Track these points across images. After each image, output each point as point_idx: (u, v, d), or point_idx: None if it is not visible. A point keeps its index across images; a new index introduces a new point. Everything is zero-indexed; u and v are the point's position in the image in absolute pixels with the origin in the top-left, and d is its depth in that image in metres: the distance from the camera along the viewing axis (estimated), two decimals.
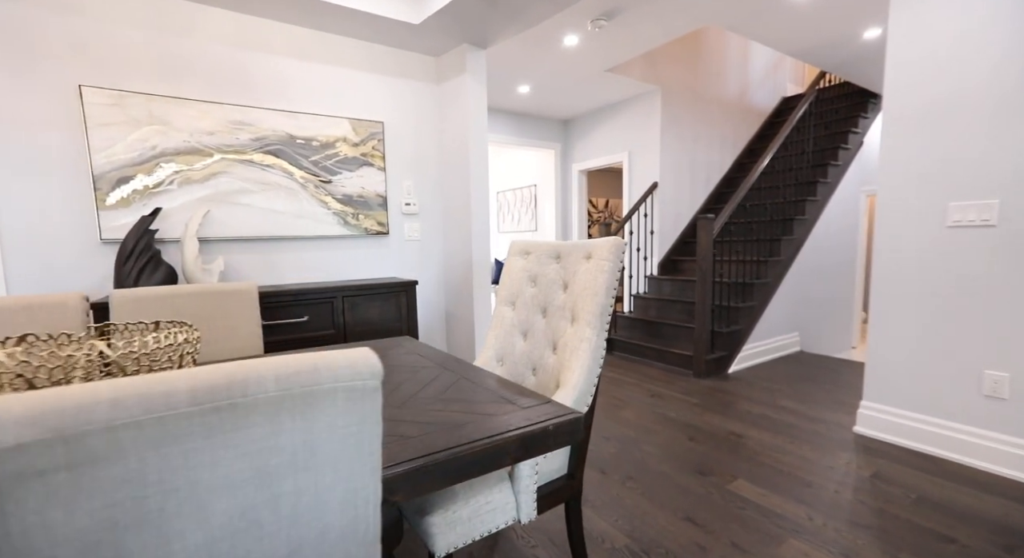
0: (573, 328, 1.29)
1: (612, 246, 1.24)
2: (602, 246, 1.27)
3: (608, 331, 4.13)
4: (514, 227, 6.46)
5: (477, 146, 2.88)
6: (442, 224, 3.12)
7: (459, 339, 3.12)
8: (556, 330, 1.38)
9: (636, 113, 4.49)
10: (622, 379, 3.31)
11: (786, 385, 3.11)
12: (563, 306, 1.37)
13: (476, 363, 1.59)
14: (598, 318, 1.23)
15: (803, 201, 3.95)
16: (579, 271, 1.33)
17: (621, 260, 1.25)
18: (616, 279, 1.25)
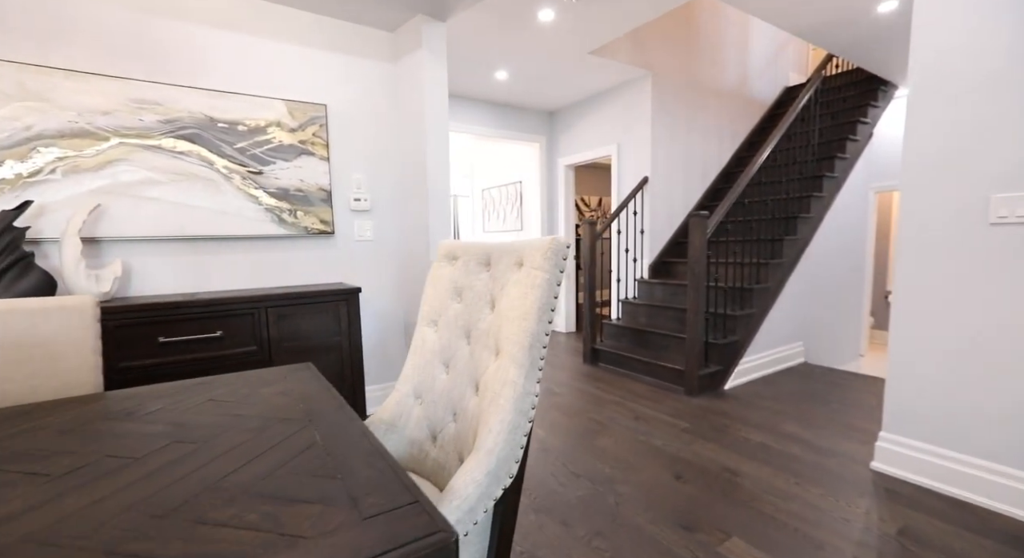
0: (496, 364, 0.92)
1: (547, 249, 0.88)
2: (535, 249, 0.90)
3: (595, 339, 3.78)
4: (500, 226, 6.10)
5: (436, 133, 2.52)
6: (400, 223, 2.76)
7: None
8: (479, 363, 1.01)
9: (625, 102, 4.13)
10: (604, 396, 2.95)
11: (789, 405, 2.74)
12: (487, 331, 1.01)
13: (389, 401, 1.23)
14: (526, 352, 0.86)
15: (808, 197, 3.59)
16: (508, 283, 0.97)
17: (562, 268, 0.89)
18: (554, 295, 0.89)
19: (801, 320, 3.65)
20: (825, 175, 3.68)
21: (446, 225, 2.61)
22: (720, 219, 2.92)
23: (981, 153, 1.64)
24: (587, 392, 3.05)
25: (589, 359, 3.74)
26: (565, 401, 2.88)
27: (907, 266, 1.84)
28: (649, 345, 3.50)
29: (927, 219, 1.77)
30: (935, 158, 1.75)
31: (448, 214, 2.62)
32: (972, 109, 1.65)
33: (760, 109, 4.89)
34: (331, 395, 1.01)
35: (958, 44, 1.67)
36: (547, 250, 0.88)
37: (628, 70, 3.82)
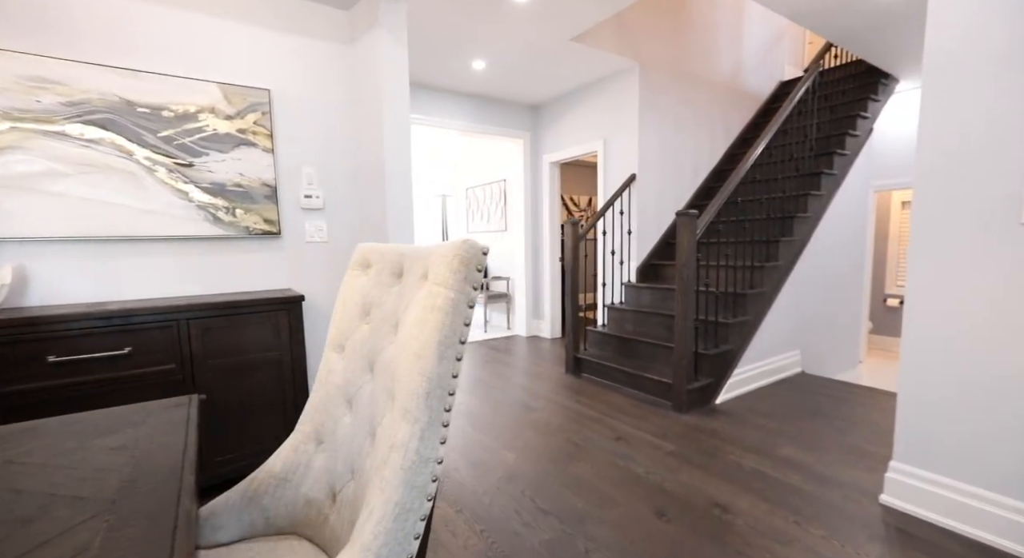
0: (389, 417, 0.67)
1: (452, 258, 0.63)
2: (440, 258, 0.65)
3: (578, 347, 3.53)
4: (484, 226, 5.85)
5: (395, 122, 2.26)
6: (358, 222, 2.49)
7: None
8: (378, 407, 0.76)
9: (611, 95, 3.88)
10: (584, 412, 2.69)
11: (787, 423, 2.50)
12: (388, 365, 0.75)
13: (285, 446, 0.97)
14: (421, 403, 0.61)
15: (805, 196, 3.35)
16: (412, 303, 0.72)
17: (475, 283, 0.63)
18: (465, 321, 0.63)
19: (798, 327, 3.42)
20: (824, 172, 3.45)
21: (407, 225, 2.35)
22: (711, 219, 2.68)
23: (1011, 143, 1.40)
24: (566, 407, 2.79)
25: (571, 369, 3.49)
26: (542, 418, 2.63)
27: (921, 274, 1.60)
28: (636, 355, 3.25)
29: (945, 220, 1.54)
30: (956, 150, 1.51)
31: (410, 212, 2.37)
32: (1000, 93, 1.41)
33: (754, 104, 4.66)
34: (180, 456, 0.75)
35: (983, 19, 1.44)
36: (452, 259, 0.62)
37: (614, 60, 3.57)
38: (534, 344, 4.57)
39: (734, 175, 2.83)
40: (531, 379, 3.39)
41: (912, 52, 3.44)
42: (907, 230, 5.20)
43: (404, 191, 2.32)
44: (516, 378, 3.41)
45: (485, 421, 2.60)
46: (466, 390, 3.16)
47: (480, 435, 2.41)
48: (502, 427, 2.51)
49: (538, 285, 4.96)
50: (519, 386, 3.22)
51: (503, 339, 4.87)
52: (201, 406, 1.74)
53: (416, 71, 3.69)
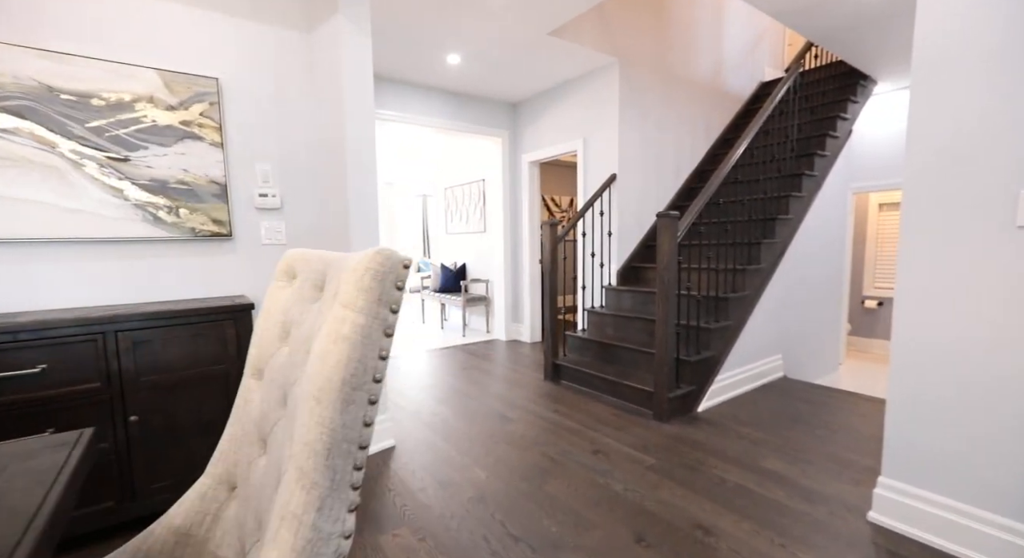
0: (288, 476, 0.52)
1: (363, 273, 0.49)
2: (351, 272, 0.51)
3: (557, 353, 3.41)
4: (463, 227, 5.69)
5: (358, 116, 2.11)
6: (321, 223, 2.32)
7: None
8: (282, 454, 0.61)
9: (591, 93, 3.78)
10: (562, 423, 2.57)
11: (770, 432, 2.41)
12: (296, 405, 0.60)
13: (191, 493, 0.81)
14: (320, 463, 0.47)
15: (787, 197, 3.30)
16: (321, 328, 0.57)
17: (394, 304, 0.49)
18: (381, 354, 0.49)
19: (780, 331, 3.36)
20: (804, 173, 3.40)
21: (371, 226, 2.19)
22: (692, 220, 2.59)
23: (1005, 140, 1.32)
24: (543, 418, 2.66)
25: (550, 376, 3.36)
26: (517, 430, 2.50)
27: (911, 278, 1.51)
28: (617, 361, 3.15)
29: (937, 223, 1.45)
30: (948, 148, 1.43)
31: (374, 213, 2.21)
32: (993, 90, 1.33)
33: (735, 104, 4.62)
34: (20, 529, 0.59)
35: (975, 12, 1.35)
36: (363, 275, 0.48)
37: (594, 57, 3.47)
38: (513, 349, 4.44)
39: (715, 176, 2.74)
40: (508, 387, 3.25)
41: (890, 54, 3.42)
42: (885, 232, 5.23)
43: (368, 190, 2.16)
44: (493, 386, 3.27)
45: (457, 434, 2.46)
46: (440, 399, 3.01)
47: (451, 450, 2.27)
48: (475, 440, 2.37)
49: (517, 288, 4.83)
50: (495, 395, 3.08)
51: (482, 344, 4.73)
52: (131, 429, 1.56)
53: (387, 65, 3.53)
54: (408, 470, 2.08)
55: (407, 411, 2.81)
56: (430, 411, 2.81)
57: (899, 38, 3.15)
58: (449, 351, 4.42)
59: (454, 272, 5.62)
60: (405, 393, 3.16)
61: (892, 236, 5.18)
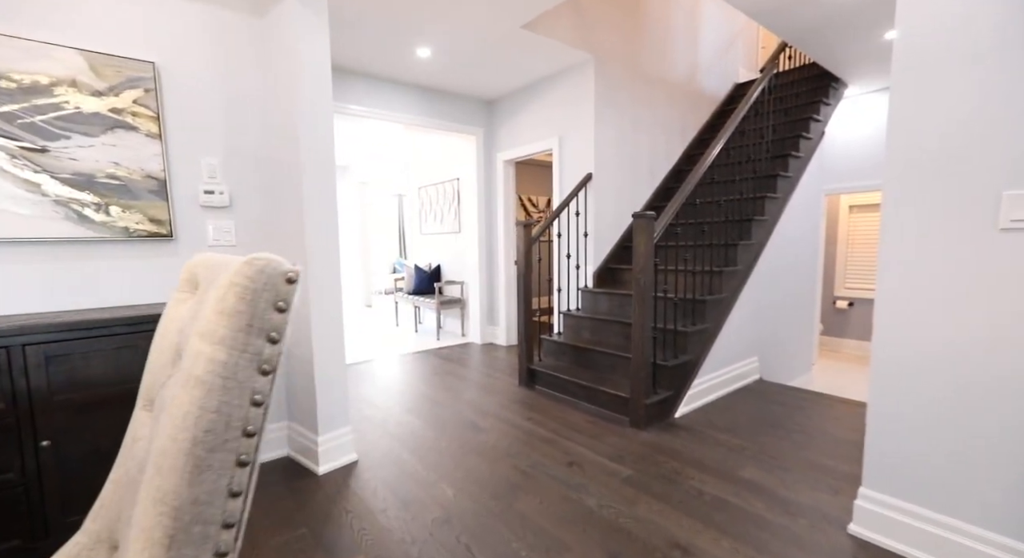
0: None
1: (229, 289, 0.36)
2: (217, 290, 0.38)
3: (532, 357, 3.30)
4: (438, 228, 5.54)
5: (313, 108, 1.95)
6: (274, 222, 2.15)
7: (301, 395, 2.17)
8: None
9: (567, 90, 3.69)
10: (536, 432, 2.46)
11: (748, 438, 2.35)
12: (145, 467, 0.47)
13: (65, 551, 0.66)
14: (159, 553, 0.33)
15: (762, 198, 3.27)
16: None
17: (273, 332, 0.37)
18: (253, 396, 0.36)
19: (756, 333, 3.33)
20: (780, 174, 3.39)
21: (330, 227, 2.04)
22: (669, 220, 2.52)
23: (988, 140, 1.27)
24: (516, 426, 2.55)
25: (525, 381, 3.25)
26: (488, 440, 2.37)
27: (891, 282, 1.46)
28: (593, 365, 3.06)
29: (917, 225, 1.40)
30: (928, 148, 1.37)
31: (333, 212, 2.06)
32: (978, 84, 1.28)
33: (711, 105, 4.61)
34: None
35: (959, 6, 1.30)
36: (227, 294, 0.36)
37: (569, 53, 3.38)
38: (488, 353, 4.31)
39: (692, 175, 2.68)
40: (481, 393, 3.13)
41: (860, 56, 3.44)
42: (855, 233, 5.31)
43: (325, 188, 2.01)
44: (465, 392, 3.14)
45: (425, 445, 2.32)
46: (409, 408, 2.86)
47: (417, 464, 2.13)
48: (443, 452, 2.24)
49: (493, 290, 4.71)
50: (467, 402, 2.95)
51: (456, 347, 4.59)
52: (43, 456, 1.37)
53: (354, 57, 3.36)
54: (370, 488, 1.94)
55: (373, 421, 2.66)
56: (397, 421, 2.66)
57: (869, 41, 3.16)
58: (422, 355, 4.26)
59: (428, 274, 5.46)
60: (373, 401, 3.00)
61: (862, 237, 5.26)
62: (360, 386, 3.33)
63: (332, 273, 2.06)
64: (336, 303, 2.08)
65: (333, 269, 2.06)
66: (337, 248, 2.08)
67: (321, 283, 2.02)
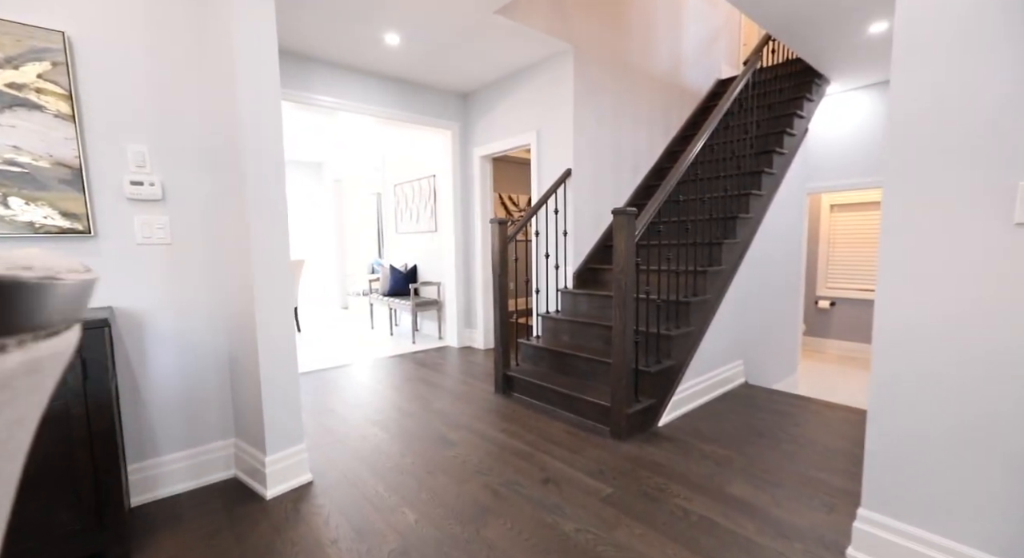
0: None
1: None
2: None
3: (508, 363, 3.11)
4: (414, 227, 5.33)
5: (256, 90, 1.74)
6: (217, 218, 1.93)
7: (248, 410, 1.95)
8: None
9: (545, 82, 3.53)
10: (510, 445, 2.28)
11: (735, 449, 2.22)
12: None
13: None
14: None
15: (747, 195, 3.16)
16: None
17: None
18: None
19: (741, 335, 3.22)
20: (764, 171, 3.28)
21: (277, 223, 1.83)
22: (651, 218, 2.37)
23: (1004, 127, 1.14)
24: (490, 439, 2.37)
25: (501, 388, 3.08)
26: (458, 455, 2.19)
27: (893, 285, 1.32)
28: (573, 371, 2.89)
29: (922, 222, 1.26)
30: (934, 136, 1.24)
31: (282, 208, 1.84)
32: (987, 65, 1.15)
33: (693, 100, 4.50)
34: None
35: None
36: None
37: (547, 42, 3.21)
38: (465, 357, 4.12)
39: (675, 170, 2.54)
40: (454, 401, 2.94)
41: (844, 51, 3.36)
42: (837, 233, 5.28)
43: (271, 181, 1.79)
44: (437, 401, 2.95)
45: (389, 463, 2.12)
46: (375, 419, 2.65)
47: (379, 485, 1.93)
48: (408, 471, 2.04)
49: (470, 291, 4.52)
50: (438, 412, 2.76)
51: (432, 351, 4.39)
52: None
53: (318, 43, 3.14)
54: (322, 515, 1.73)
55: (335, 435, 2.44)
56: (361, 434, 2.45)
57: (853, 35, 3.08)
58: (396, 360, 4.05)
59: (404, 274, 5.24)
60: (337, 411, 2.79)
61: (844, 237, 5.23)
62: (326, 395, 3.11)
63: (280, 274, 1.85)
64: (285, 307, 1.87)
65: (281, 270, 1.85)
66: (286, 247, 1.87)
67: (267, 285, 1.81)
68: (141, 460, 1.81)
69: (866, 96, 4.21)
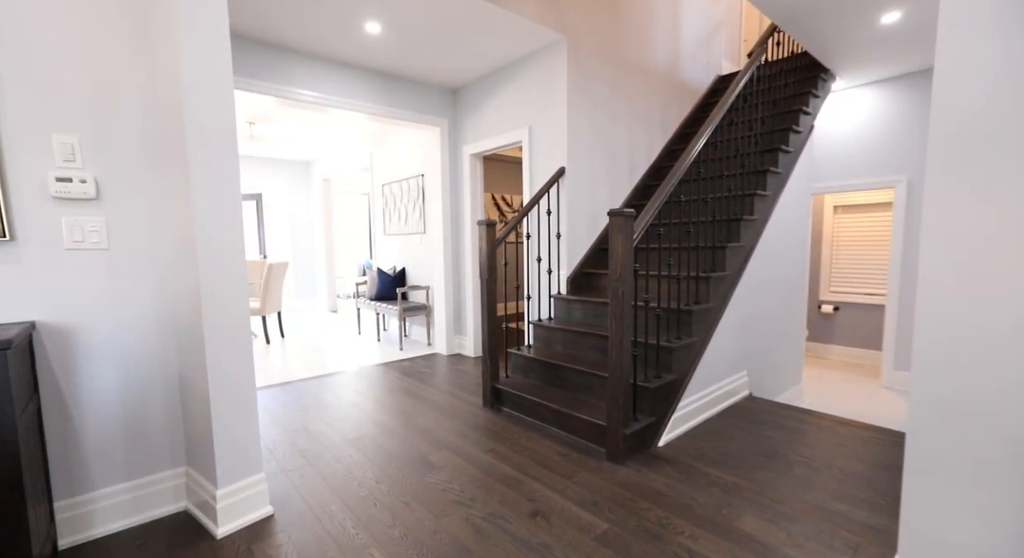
0: None
1: None
2: None
3: (497, 375, 2.88)
4: (402, 228, 5.11)
5: (204, 68, 1.53)
6: (165, 218, 1.71)
7: (199, 436, 1.73)
8: None
9: (537, 75, 3.33)
10: (497, 470, 2.07)
11: (743, 474, 2.02)
12: None
13: None
14: None
15: (751, 196, 2.97)
16: None
17: None
18: None
19: (745, 344, 3.02)
20: (769, 170, 3.09)
21: (229, 227, 1.61)
22: (651, 219, 2.17)
23: None
24: (475, 461, 2.16)
25: (489, 402, 2.87)
26: (440, 482, 1.98)
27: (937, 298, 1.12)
28: (566, 384, 2.69)
29: (971, 225, 1.07)
30: (988, 126, 1.04)
31: (235, 209, 1.63)
32: None
33: (692, 97, 4.32)
34: None
35: None
36: None
37: (538, 33, 3.01)
38: (454, 365, 3.91)
39: (676, 168, 2.34)
40: (439, 417, 2.72)
41: (853, 43, 3.18)
42: (840, 235, 5.10)
43: (222, 177, 1.58)
44: (421, 416, 2.74)
45: (361, 491, 1.91)
46: (351, 438, 2.44)
47: (346, 519, 1.72)
48: (382, 501, 1.83)
49: (460, 296, 4.31)
50: (421, 429, 2.55)
51: (420, 359, 4.17)
52: None
53: (295, 31, 2.93)
54: None
55: (306, 457, 2.23)
56: (335, 456, 2.24)
57: (863, 26, 2.89)
58: (381, 369, 3.83)
59: (392, 277, 5.03)
60: (311, 429, 2.57)
61: (848, 239, 5.06)
62: (302, 410, 2.89)
63: (233, 281, 1.63)
64: (238, 319, 1.65)
65: (234, 276, 1.64)
66: (241, 252, 1.65)
67: (216, 293, 1.59)
68: (72, 496, 1.59)
69: (872, 93, 4.04)
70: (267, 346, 4.81)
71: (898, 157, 3.95)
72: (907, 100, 3.87)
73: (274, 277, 4.91)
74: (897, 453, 2.18)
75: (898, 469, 2.03)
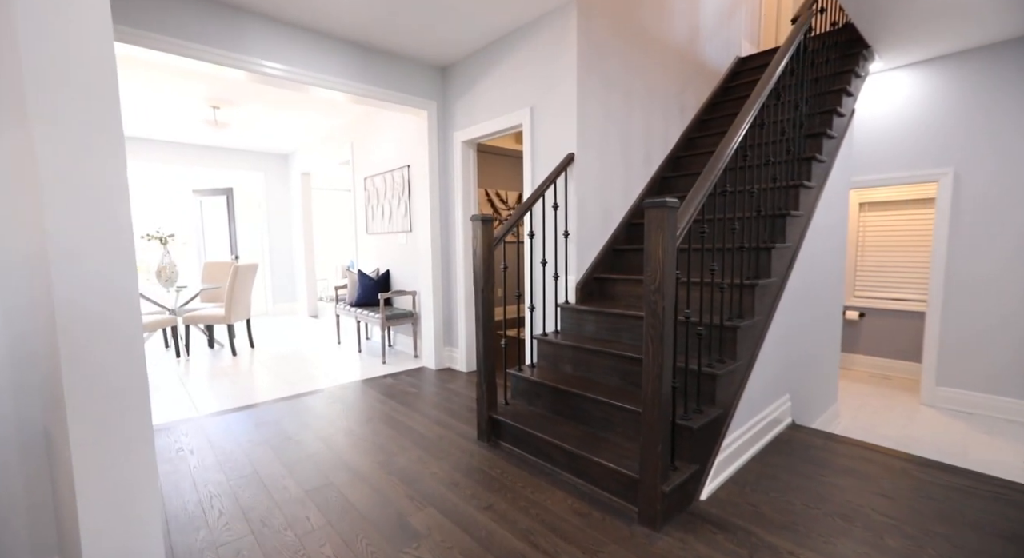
0: None
1: None
2: None
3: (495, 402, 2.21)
4: (386, 227, 4.59)
5: None
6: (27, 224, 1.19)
7: (65, 513, 1.21)
8: None
9: (541, 47, 2.83)
10: (496, 537, 1.57)
11: (818, 543, 1.54)
12: None
13: None
14: None
15: (796, 187, 2.50)
16: None
17: None
18: None
19: (788, 364, 2.56)
20: (815, 158, 2.63)
21: (112, 213, 1.10)
22: (695, 213, 1.68)
23: None
24: (470, 525, 1.66)
25: (486, 434, 2.37)
26: (420, 555, 1.47)
27: None
28: (580, 417, 2.20)
29: None
30: None
31: (120, 189, 1.12)
32: None
33: (712, 79, 3.85)
34: None
35: None
36: None
37: None
38: (443, 382, 3.40)
39: (719, 152, 1.86)
40: (425, 456, 2.22)
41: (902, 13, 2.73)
42: (868, 235, 4.68)
43: (89, 136, 1.06)
44: (402, 455, 2.23)
45: None
46: (312, 488, 1.93)
47: None
48: None
49: (450, 302, 3.81)
50: (402, 475, 2.04)
51: (405, 374, 3.66)
52: None
53: None
54: None
55: (248, 521, 1.71)
56: (287, 519, 1.73)
57: None
58: (360, 387, 3.32)
59: (374, 281, 4.50)
60: (261, 473, 2.05)
61: (876, 240, 4.63)
62: (256, 446, 2.36)
63: (115, 297, 1.11)
64: (129, 351, 1.14)
65: (120, 291, 1.12)
66: (129, 254, 1.14)
67: (85, 318, 1.07)
68: None
69: (911, 76, 3.61)
70: (234, 359, 4.26)
71: (943, 148, 3.53)
72: (953, 84, 3.44)
73: (241, 281, 4.36)
74: (1013, 513, 1.72)
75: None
